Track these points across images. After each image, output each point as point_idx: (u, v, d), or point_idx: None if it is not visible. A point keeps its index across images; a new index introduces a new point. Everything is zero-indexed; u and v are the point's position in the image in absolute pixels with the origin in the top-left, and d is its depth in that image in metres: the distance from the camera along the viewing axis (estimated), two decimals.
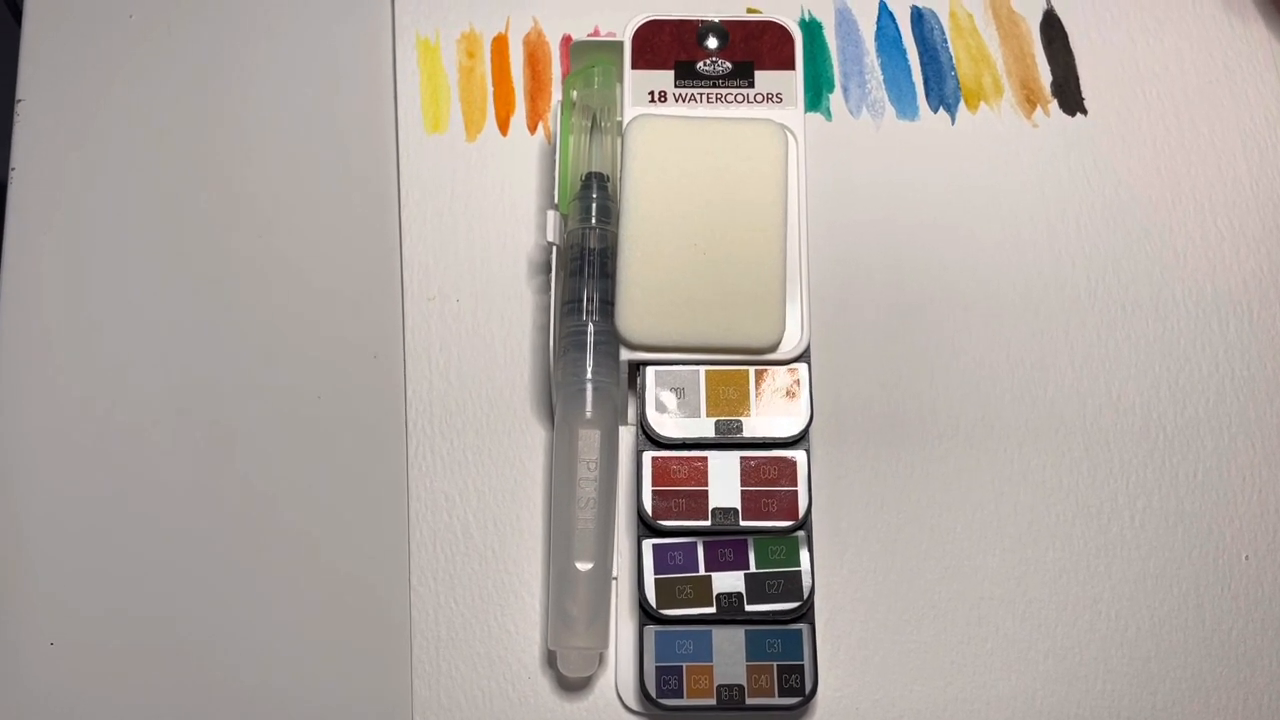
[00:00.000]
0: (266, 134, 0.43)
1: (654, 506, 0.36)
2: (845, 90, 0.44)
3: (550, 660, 0.37)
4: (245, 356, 0.40)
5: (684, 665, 0.36)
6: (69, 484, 0.39)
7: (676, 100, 0.40)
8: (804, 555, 0.36)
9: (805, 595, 0.36)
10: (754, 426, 0.37)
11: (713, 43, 0.40)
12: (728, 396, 0.37)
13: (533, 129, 0.43)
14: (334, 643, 0.38)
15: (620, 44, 0.40)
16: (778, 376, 0.37)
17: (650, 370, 0.37)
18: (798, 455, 0.37)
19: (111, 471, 0.39)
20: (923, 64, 0.44)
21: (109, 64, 0.44)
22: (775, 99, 0.40)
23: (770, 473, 0.37)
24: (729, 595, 0.36)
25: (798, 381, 0.37)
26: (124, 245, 0.42)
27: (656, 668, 0.36)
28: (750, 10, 0.44)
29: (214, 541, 0.38)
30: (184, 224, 0.42)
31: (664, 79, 0.40)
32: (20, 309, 0.41)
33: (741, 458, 0.37)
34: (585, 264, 0.38)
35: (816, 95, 0.44)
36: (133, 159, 0.43)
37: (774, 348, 0.37)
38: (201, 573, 0.38)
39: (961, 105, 0.44)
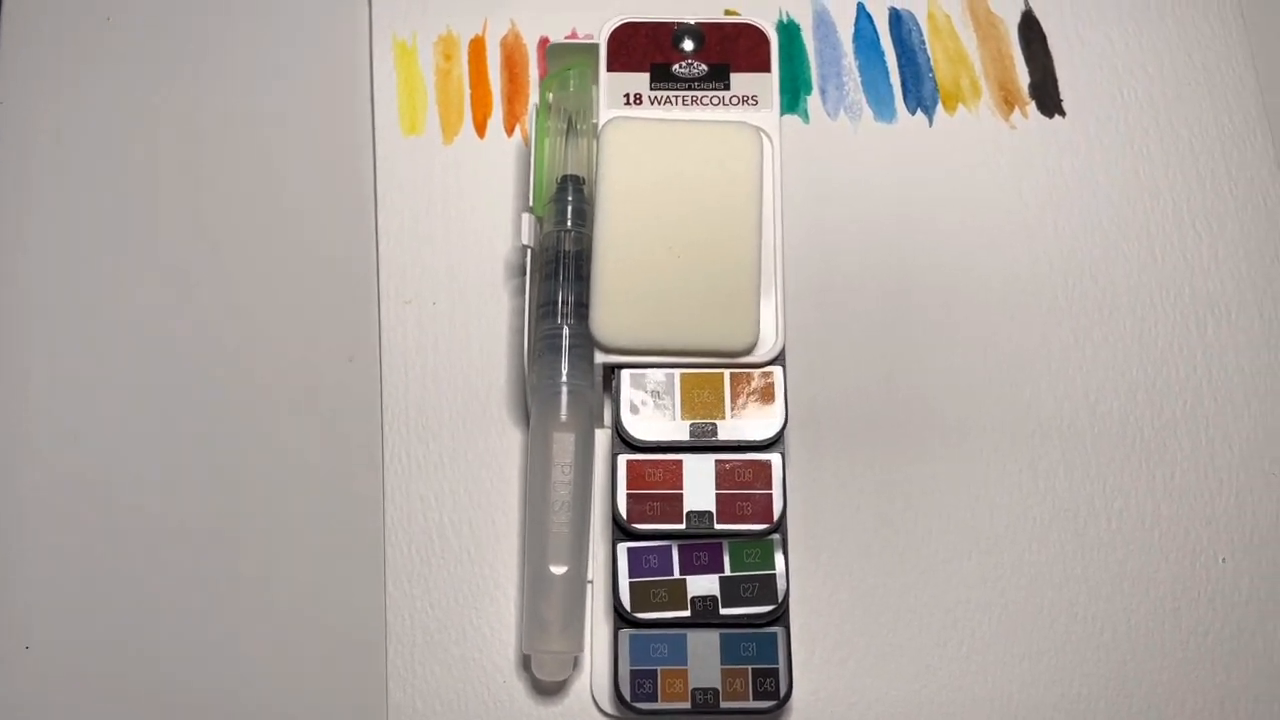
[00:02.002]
0: (243, 136, 0.43)
1: (628, 510, 0.36)
2: (823, 92, 0.44)
3: (525, 664, 0.37)
4: (220, 359, 0.40)
5: (659, 669, 0.36)
6: (41, 485, 0.39)
7: (652, 103, 0.39)
8: (779, 558, 0.36)
9: (780, 599, 0.36)
10: (729, 429, 0.37)
11: (688, 45, 0.40)
12: (703, 399, 0.37)
13: (510, 131, 0.43)
14: (309, 646, 0.38)
15: (595, 46, 0.40)
16: (753, 379, 0.37)
17: (625, 373, 0.37)
18: (773, 458, 0.37)
19: (85, 475, 0.39)
20: (901, 66, 0.44)
21: (86, 67, 0.44)
22: (751, 101, 0.39)
23: (745, 476, 0.37)
24: (704, 599, 0.36)
25: (773, 384, 0.37)
26: (100, 246, 0.42)
27: (631, 671, 0.36)
28: (728, 12, 0.44)
29: (189, 545, 0.38)
30: (160, 226, 0.42)
31: (639, 81, 0.40)
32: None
33: (716, 461, 0.37)
34: (560, 267, 0.38)
35: (794, 97, 0.44)
36: (110, 161, 0.43)
37: (749, 350, 0.37)
38: (176, 576, 0.38)
39: (939, 107, 0.44)
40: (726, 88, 0.40)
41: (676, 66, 0.40)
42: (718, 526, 0.36)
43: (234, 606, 0.38)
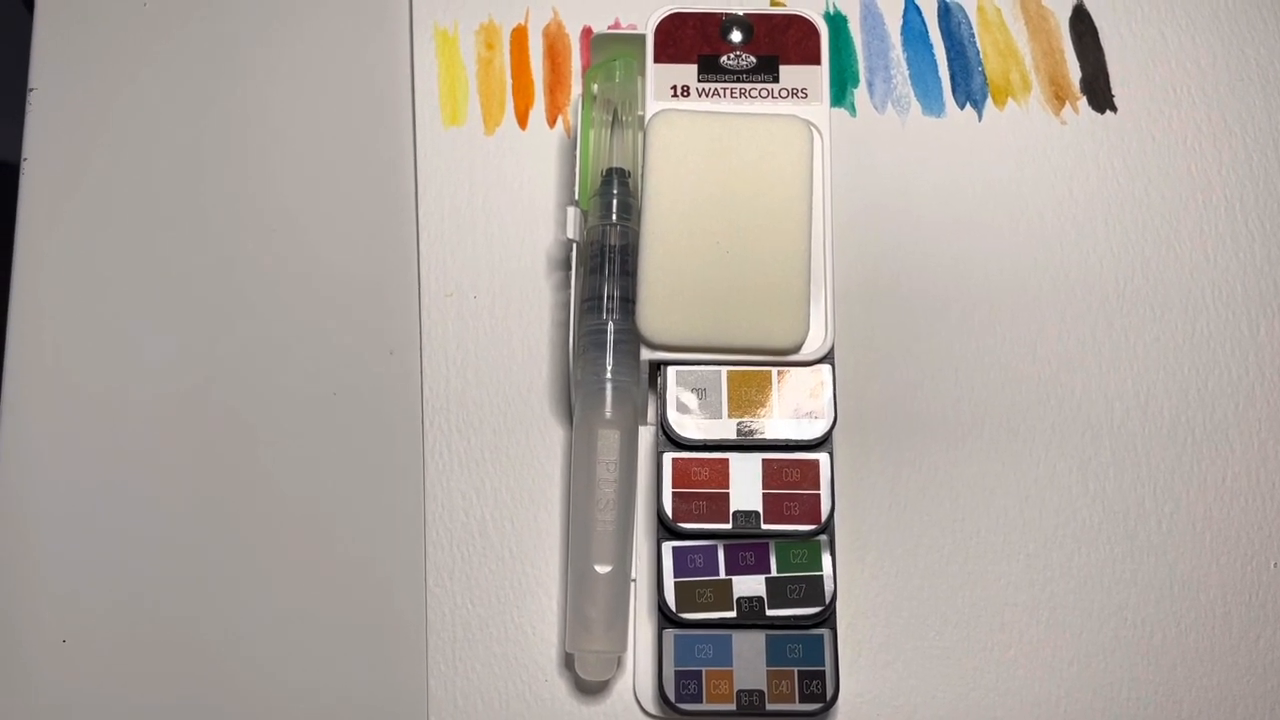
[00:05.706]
0: (281, 126, 0.42)
1: (674, 508, 0.36)
2: (870, 85, 0.43)
3: (568, 663, 0.37)
4: (260, 352, 0.40)
5: (704, 670, 0.35)
6: (80, 479, 0.39)
7: (699, 95, 0.39)
8: (826, 559, 0.36)
9: (827, 600, 0.36)
10: (776, 428, 0.36)
11: (737, 36, 0.39)
12: (750, 397, 0.37)
13: (552, 123, 0.43)
14: (349, 642, 0.37)
15: (642, 37, 0.39)
16: (801, 377, 0.37)
17: (671, 370, 0.37)
18: (821, 458, 0.36)
19: (124, 467, 0.39)
20: (949, 59, 0.43)
21: (122, 53, 0.43)
22: (800, 94, 0.39)
23: (792, 475, 0.36)
24: (750, 599, 0.36)
25: (821, 383, 0.37)
26: (136, 237, 0.41)
27: (676, 672, 0.35)
28: (775, 3, 0.44)
29: (229, 539, 0.38)
30: (198, 216, 0.42)
31: (687, 73, 0.39)
32: (32, 300, 0.40)
33: (763, 460, 0.36)
34: (605, 261, 0.38)
35: (841, 90, 0.43)
36: (145, 150, 0.42)
37: (797, 348, 0.37)
38: (216, 571, 0.38)
39: (989, 101, 0.43)
40: (775, 80, 0.39)
41: (725, 58, 0.39)
42: (764, 526, 0.36)
43: (274, 602, 0.37)
